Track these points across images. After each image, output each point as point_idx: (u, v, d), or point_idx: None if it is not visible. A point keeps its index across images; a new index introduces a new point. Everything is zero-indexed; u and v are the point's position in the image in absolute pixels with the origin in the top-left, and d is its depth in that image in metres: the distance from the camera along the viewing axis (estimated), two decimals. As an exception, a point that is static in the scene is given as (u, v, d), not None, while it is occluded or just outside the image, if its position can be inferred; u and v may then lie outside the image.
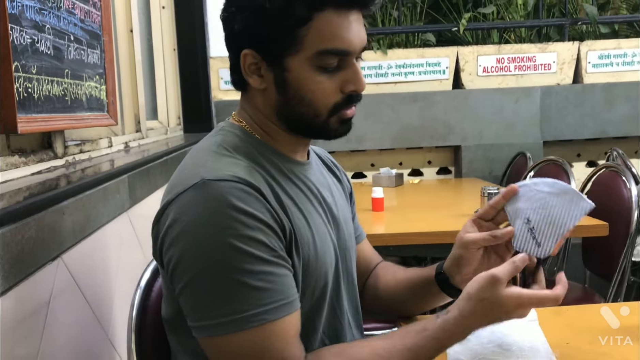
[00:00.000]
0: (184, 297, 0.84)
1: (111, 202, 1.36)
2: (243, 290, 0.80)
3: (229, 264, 0.80)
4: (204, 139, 0.97)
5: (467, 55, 3.61)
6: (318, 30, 0.86)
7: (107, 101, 1.69)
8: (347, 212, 1.10)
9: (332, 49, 0.87)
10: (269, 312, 0.81)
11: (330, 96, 0.90)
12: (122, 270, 1.40)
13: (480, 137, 3.61)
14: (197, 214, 0.82)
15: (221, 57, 3.53)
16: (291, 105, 0.91)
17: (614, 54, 3.64)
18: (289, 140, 0.96)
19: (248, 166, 0.88)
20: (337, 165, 1.18)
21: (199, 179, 0.83)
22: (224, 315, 0.80)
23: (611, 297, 2.13)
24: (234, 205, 0.81)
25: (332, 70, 0.89)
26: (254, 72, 0.91)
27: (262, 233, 0.82)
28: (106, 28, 1.68)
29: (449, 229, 2.12)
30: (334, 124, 0.92)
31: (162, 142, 2.60)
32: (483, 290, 0.87)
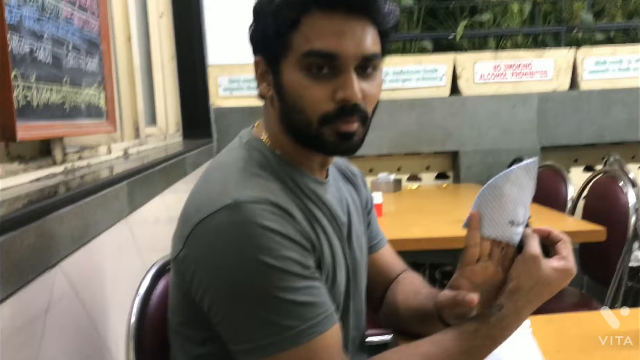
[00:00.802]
0: (228, 321, 0.83)
1: (110, 209, 1.36)
2: (290, 307, 0.81)
3: (271, 284, 0.80)
4: (227, 152, 0.96)
5: (464, 62, 3.63)
6: (305, 32, 0.85)
7: (106, 108, 1.69)
8: (361, 229, 1.08)
9: (318, 50, 0.85)
10: (317, 325, 0.82)
11: (320, 104, 0.86)
12: (120, 277, 1.40)
13: (478, 143, 3.62)
14: (234, 237, 0.81)
15: (219, 64, 3.54)
16: (288, 113, 0.90)
17: (610, 61, 3.65)
18: (302, 154, 0.94)
19: (277, 187, 0.88)
20: (355, 173, 1.16)
21: (231, 200, 0.82)
22: (275, 334, 0.80)
23: (609, 302, 2.14)
24: (267, 227, 0.81)
25: (323, 76, 0.86)
26: (264, 79, 0.93)
27: (297, 252, 0.83)
28: (104, 36, 1.69)
29: (447, 234, 2.12)
30: (329, 136, 0.88)
31: (161, 148, 2.61)
32: (531, 276, 0.88)
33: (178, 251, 0.88)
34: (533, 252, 0.89)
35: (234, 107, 3.52)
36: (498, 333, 0.88)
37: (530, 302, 0.88)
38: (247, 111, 3.43)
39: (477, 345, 0.87)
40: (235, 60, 3.57)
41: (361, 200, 1.13)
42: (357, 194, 1.12)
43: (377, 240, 1.17)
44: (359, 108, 0.88)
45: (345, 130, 0.88)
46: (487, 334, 0.87)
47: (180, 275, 0.89)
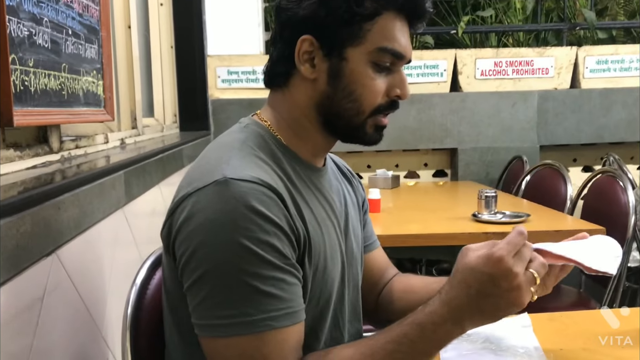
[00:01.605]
0: (192, 293, 0.83)
1: (107, 198, 1.35)
2: (251, 293, 0.79)
3: (240, 265, 0.79)
4: (226, 134, 0.97)
5: (465, 58, 3.61)
6: (382, 27, 0.90)
7: (104, 97, 1.67)
8: (357, 223, 1.09)
9: (391, 48, 0.91)
10: (273, 319, 0.80)
11: (377, 96, 0.92)
12: (116, 267, 1.38)
13: (477, 140, 3.61)
14: (215, 211, 0.81)
15: (218, 55, 3.52)
16: (338, 99, 0.91)
17: (612, 60, 3.64)
18: (315, 142, 0.97)
19: (270, 169, 0.88)
20: (354, 174, 1.17)
21: (221, 176, 0.82)
22: (228, 317, 0.79)
23: (607, 302, 2.13)
24: (252, 207, 0.80)
25: (383, 71, 0.92)
26: (307, 60, 0.92)
27: (277, 238, 0.82)
28: (104, 23, 1.66)
29: (444, 231, 2.12)
30: (370, 127, 0.94)
31: (158, 139, 2.59)
32: (455, 265, 0.83)
33: (164, 223, 0.88)
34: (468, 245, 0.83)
35: (232, 99, 3.50)
36: (425, 319, 0.81)
37: (456, 289, 0.80)
38: (246, 103, 3.41)
39: (404, 332, 0.82)
40: (235, 51, 3.55)
41: (358, 200, 1.14)
42: (354, 193, 1.13)
43: (371, 241, 1.18)
44: (399, 104, 0.96)
45: (384, 123, 0.95)
46: (414, 321, 0.82)
47: (166, 249, 0.88)
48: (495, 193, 2.29)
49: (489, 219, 2.21)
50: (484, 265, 0.79)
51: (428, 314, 0.81)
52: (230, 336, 0.80)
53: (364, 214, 1.17)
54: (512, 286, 0.78)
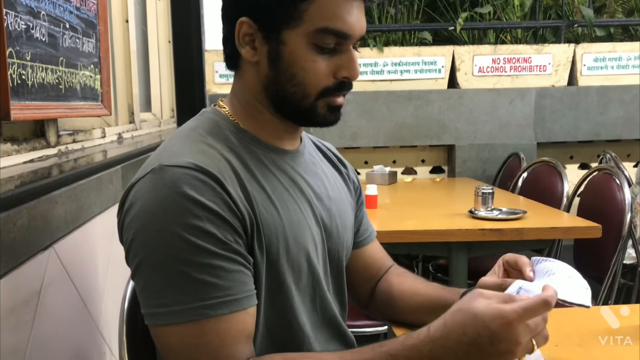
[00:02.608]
0: (135, 282, 0.83)
1: (104, 193, 1.35)
2: (184, 281, 0.78)
3: (172, 253, 0.78)
4: (184, 124, 0.95)
5: (463, 54, 3.61)
6: (320, 6, 0.84)
7: (101, 91, 1.67)
8: (346, 207, 1.06)
9: (332, 28, 0.85)
10: (209, 307, 0.78)
11: (322, 79, 0.88)
12: (113, 261, 1.38)
13: (475, 137, 3.61)
14: (148, 199, 0.80)
15: (216, 50, 3.51)
16: (281, 82, 0.88)
17: (609, 57, 3.65)
18: (274, 125, 0.94)
19: (215, 153, 0.85)
20: (343, 162, 1.14)
21: (158, 164, 0.82)
22: (164, 305, 0.78)
23: (602, 299, 2.14)
24: (184, 193, 0.78)
25: (327, 52, 0.87)
26: (247, 43, 0.88)
27: (212, 224, 0.79)
28: (102, 17, 1.66)
29: (441, 227, 2.12)
30: (321, 109, 0.90)
31: (155, 134, 2.58)
32: (461, 301, 0.77)
33: (118, 218, 0.87)
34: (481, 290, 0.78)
35: (230, 95, 3.49)
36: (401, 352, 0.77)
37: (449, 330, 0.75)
38: (244, 99, 3.39)
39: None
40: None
41: (348, 186, 1.11)
42: (345, 183, 1.10)
43: (368, 233, 1.16)
44: (352, 84, 0.91)
45: (338, 103, 0.91)
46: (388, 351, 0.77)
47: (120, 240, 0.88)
48: (492, 190, 2.29)
49: (486, 216, 2.22)
50: (491, 320, 0.73)
51: (407, 348, 0.77)
52: (168, 324, 0.78)
53: (359, 204, 1.14)
54: (508, 350, 0.74)
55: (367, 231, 1.16)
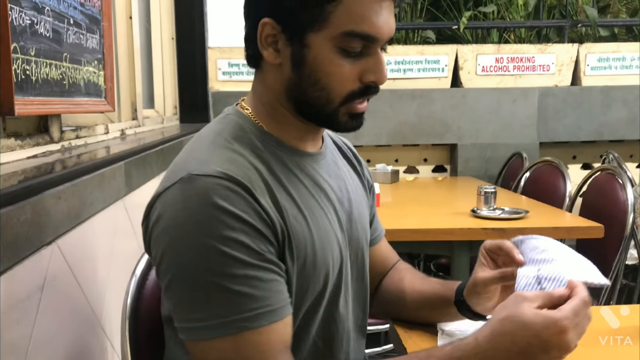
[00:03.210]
0: (167, 296, 0.81)
1: (107, 189, 1.35)
2: (222, 294, 0.75)
3: (208, 266, 0.75)
4: (207, 126, 0.92)
5: (466, 53, 3.61)
6: (347, 9, 0.80)
7: (105, 87, 1.67)
8: (364, 209, 1.04)
9: (359, 32, 0.81)
10: (249, 320, 0.76)
11: (347, 83, 0.84)
12: (116, 258, 1.39)
13: (477, 136, 3.61)
14: (178, 210, 0.77)
15: (219, 47, 3.51)
16: (304, 87, 0.85)
17: (613, 57, 3.64)
18: (297, 127, 0.90)
19: (244, 161, 0.83)
20: (359, 159, 1.12)
21: (186, 173, 0.79)
22: (201, 320, 0.76)
23: (604, 299, 2.14)
24: (216, 204, 0.76)
25: (354, 56, 0.83)
26: (270, 44, 0.85)
27: (245, 235, 0.77)
28: (106, 13, 1.66)
29: (443, 226, 2.12)
30: (343, 115, 0.86)
31: (158, 131, 2.59)
32: (505, 307, 0.76)
33: (144, 228, 0.85)
34: (524, 293, 0.78)
35: (233, 92, 3.49)
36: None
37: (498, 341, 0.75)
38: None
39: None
40: (236, 43, 3.54)
41: (364, 184, 1.09)
42: (360, 180, 1.09)
43: (377, 232, 1.14)
44: (378, 88, 0.87)
45: (360, 110, 0.87)
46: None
47: (147, 251, 0.86)
48: (494, 189, 2.29)
49: (488, 215, 2.21)
50: (544, 328, 0.72)
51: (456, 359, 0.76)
52: (207, 339, 0.76)
53: (372, 203, 1.12)
54: (560, 356, 0.74)
55: (377, 230, 1.14)
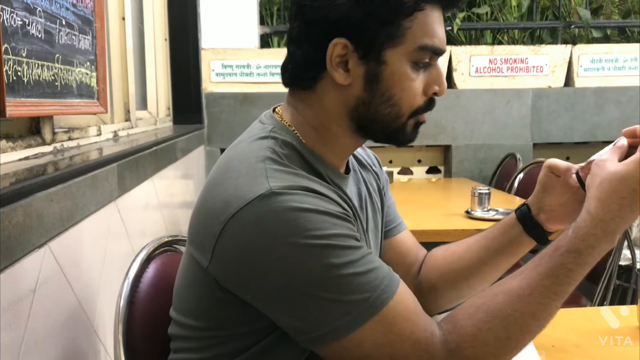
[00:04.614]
0: (292, 315, 0.78)
1: (100, 191, 1.34)
2: (355, 280, 0.76)
3: (329, 264, 0.76)
4: (248, 139, 0.89)
5: (460, 55, 3.61)
6: (422, 23, 0.84)
7: (97, 88, 1.66)
8: (377, 219, 1.05)
9: (432, 45, 0.85)
10: (387, 289, 0.77)
11: (416, 97, 0.87)
12: (109, 260, 1.38)
13: (471, 137, 3.61)
14: (275, 225, 0.76)
15: (213, 48, 3.50)
16: (375, 104, 0.86)
17: (606, 59, 3.65)
18: (343, 147, 0.92)
19: (306, 177, 0.83)
20: (373, 158, 1.12)
21: (265, 190, 0.77)
22: (350, 312, 0.76)
23: (598, 299, 2.14)
24: (309, 209, 0.77)
25: (422, 69, 0.87)
26: (339, 65, 0.85)
27: (343, 227, 0.79)
28: (98, 14, 1.65)
29: (437, 227, 2.12)
30: (409, 127, 0.89)
31: (151, 132, 2.57)
32: (595, 176, 0.80)
33: (209, 252, 0.81)
34: (598, 159, 0.83)
35: (226, 93, 3.48)
36: (580, 245, 0.77)
37: (607, 203, 0.77)
38: (240, 97, 3.39)
39: (561, 262, 0.78)
40: (229, 44, 3.53)
41: (379, 186, 1.09)
42: (375, 181, 1.08)
43: (397, 222, 1.13)
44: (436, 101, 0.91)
45: (424, 120, 0.91)
46: (568, 249, 0.78)
47: (211, 277, 0.82)
48: (488, 190, 2.29)
49: (482, 216, 2.22)
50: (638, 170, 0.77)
51: (582, 238, 0.77)
52: (354, 331, 0.76)
53: (385, 196, 1.11)
54: None
55: (396, 221, 1.13)
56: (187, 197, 2.80)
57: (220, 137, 3.45)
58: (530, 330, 0.79)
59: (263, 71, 3.47)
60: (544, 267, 0.78)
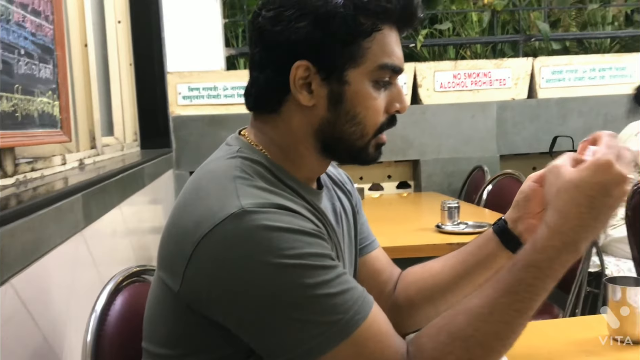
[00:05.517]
0: (266, 335, 0.77)
1: (64, 222, 1.31)
2: (328, 301, 0.76)
3: (302, 284, 0.75)
4: (216, 160, 0.89)
5: (424, 71, 3.66)
6: (380, 44, 0.86)
7: (60, 117, 1.63)
8: (351, 236, 1.05)
9: (392, 64, 0.87)
10: (360, 310, 0.77)
11: (379, 115, 0.89)
12: (76, 293, 1.35)
13: (439, 152, 3.65)
14: (247, 245, 0.75)
15: (179, 72, 3.49)
16: (340, 124, 0.87)
17: (566, 70, 3.74)
18: (311, 167, 0.93)
19: (278, 194, 0.83)
20: (345, 178, 1.12)
21: (237, 208, 0.76)
22: (322, 333, 0.75)
23: (569, 308, 2.16)
24: (282, 227, 0.76)
25: (382, 87, 0.88)
26: (302, 87, 0.86)
27: (318, 246, 0.78)
28: (59, 42, 1.63)
29: (409, 243, 2.12)
30: (372, 147, 0.91)
31: (118, 158, 2.54)
32: (550, 186, 0.78)
33: (180, 275, 0.79)
34: (556, 162, 0.80)
35: (194, 115, 3.46)
36: (538, 257, 0.75)
37: (564, 213, 0.75)
38: (208, 119, 3.38)
39: (519, 278, 0.75)
40: (195, 67, 3.52)
41: (352, 204, 1.09)
42: (348, 199, 1.08)
43: (370, 240, 1.13)
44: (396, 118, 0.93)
45: (384, 141, 0.92)
46: (526, 263, 0.75)
47: (183, 301, 0.81)
48: (457, 204, 2.31)
49: (453, 230, 2.23)
50: (593, 175, 0.74)
51: (540, 251, 0.75)
52: (333, 348, 0.75)
53: (358, 213, 1.11)
54: (623, 192, 0.74)
55: (369, 238, 1.13)
56: (156, 223, 2.76)
57: (189, 160, 3.43)
58: (494, 351, 0.77)
59: (230, 92, 3.46)
60: (503, 283, 0.77)
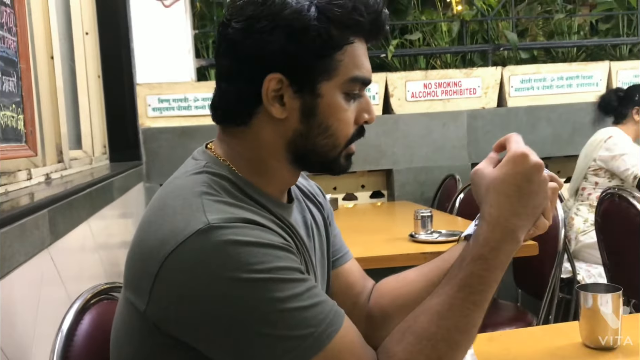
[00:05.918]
0: (236, 353, 0.76)
1: (29, 240, 1.27)
2: (299, 315, 0.75)
3: (272, 299, 0.74)
4: (182, 175, 0.88)
5: (395, 81, 3.68)
6: (351, 57, 0.87)
7: (25, 131, 1.59)
8: (323, 249, 1.04)
9: (362, 76, 0.88)
10: (332, 323, 0.77)
11: (350, 126, 0.90)
12: (43, 312, 1.30)
13: (411, 161, 3.67)
14: (214, 261, 0.74)
15: (148, 83, 3.44)
16: (312, 136, 0.88)
17: (535, 79, 3.79)
18: (282, 179, 0.92)
19: (245, 209, 0.82)
20: (316, 190, 1.10)
21: (203, 224, 0.75)
22: (294, 348, 0.74)
23: (543, 314, 2.18)
24: (250, 242, 0.75)
25: (352, 99, 0.89)
26: (275, 99, 0.86)
27: (287, 259, 0.78)
28: (23, 54, 1.59)
29: (383, 253, 2.12)
30: (343, 158, 0.91)
31: (87, 172, 2.49)
32: (479, 186, 0.84)
33: (146, 294, 0.77)
34: (473, 172, 0.86)
35: (164, 128, 3.42)
36: (483, 250, 0.80)
37: (498, 206, 0.80)
38: (178, 131, 3.34)
39: (470, 271, 0.80)
40: (165, 78, 3.48)
41: (324, 216, 1.08)
42: (319, 211, 1.07)
43: (343, 252, 1.13)
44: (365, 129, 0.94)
45: (354, 151, 0.93)
46: (473, 257, 0.80)
47: (149, 320, 0.79)
48: (430, 213, 2.32)
49: (426, 239, 2.23)
50: (513, 167, 0.81)
51: (483, 244, 0.80)
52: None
53: (330, 226, 1.10)
54: (543, 178, 0.82)
55: (342, 250, 1.13)
56: (127, 237, 2.71)
57: (160, 172, 3.38)
58: (460, 345, 0.80)
59: (201, 104, 3.43)
60: (456, 279, 0.81)
